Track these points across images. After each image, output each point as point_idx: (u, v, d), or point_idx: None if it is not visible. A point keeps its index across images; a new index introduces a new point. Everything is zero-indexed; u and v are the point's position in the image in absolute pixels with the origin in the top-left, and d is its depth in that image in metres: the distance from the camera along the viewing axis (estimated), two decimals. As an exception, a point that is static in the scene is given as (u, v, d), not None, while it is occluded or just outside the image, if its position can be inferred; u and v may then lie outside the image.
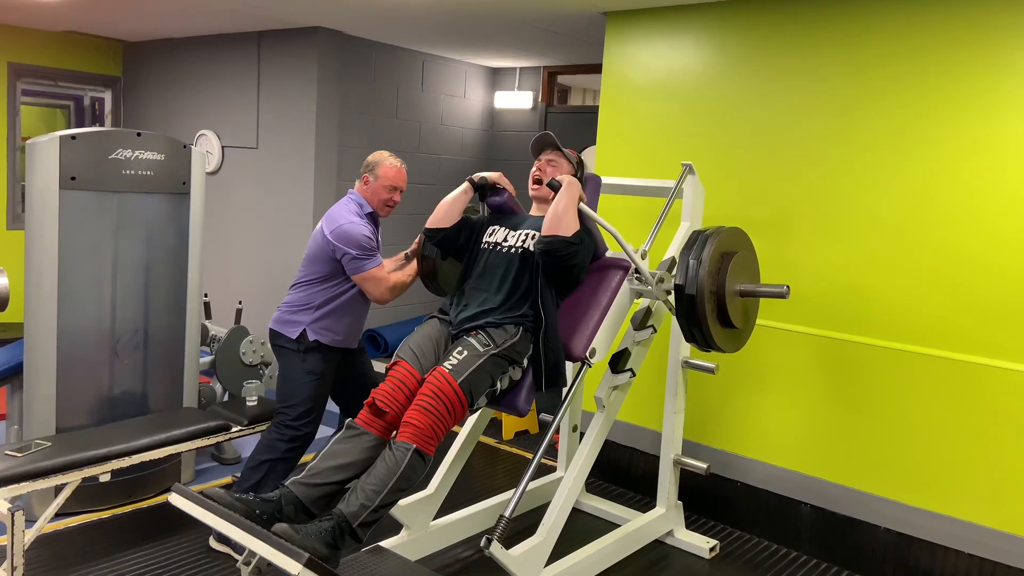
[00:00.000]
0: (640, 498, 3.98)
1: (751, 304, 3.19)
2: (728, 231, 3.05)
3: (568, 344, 2.86)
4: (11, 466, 2.80)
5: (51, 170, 3.26)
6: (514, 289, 2.80)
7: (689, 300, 2.89)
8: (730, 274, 2.97)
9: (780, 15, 3.53)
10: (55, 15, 5.35)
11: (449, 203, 3.01)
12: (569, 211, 2.75)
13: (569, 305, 2.95)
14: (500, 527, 2.55)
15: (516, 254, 2.85)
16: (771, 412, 3.62)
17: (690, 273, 2.89)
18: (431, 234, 3.01)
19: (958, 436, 3.12)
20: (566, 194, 2.78)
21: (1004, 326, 3.02)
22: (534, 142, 3.07)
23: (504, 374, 2.69)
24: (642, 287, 3.01)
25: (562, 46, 5.17)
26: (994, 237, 3.03)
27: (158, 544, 3.24)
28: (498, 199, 3.12)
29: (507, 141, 6.35)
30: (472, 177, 3.07)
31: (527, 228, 2.91)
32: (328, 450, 2.53)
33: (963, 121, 3.09)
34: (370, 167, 3.19)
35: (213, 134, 5.77)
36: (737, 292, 3.04)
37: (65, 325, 3.35)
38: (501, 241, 2.92)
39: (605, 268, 3.05)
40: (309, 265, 3.17)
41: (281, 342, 3.17)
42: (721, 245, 2.98)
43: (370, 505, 2.38)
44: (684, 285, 2.90)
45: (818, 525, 3.49)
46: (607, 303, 2.94)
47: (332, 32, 5.15)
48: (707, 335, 2.95)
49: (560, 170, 2.99)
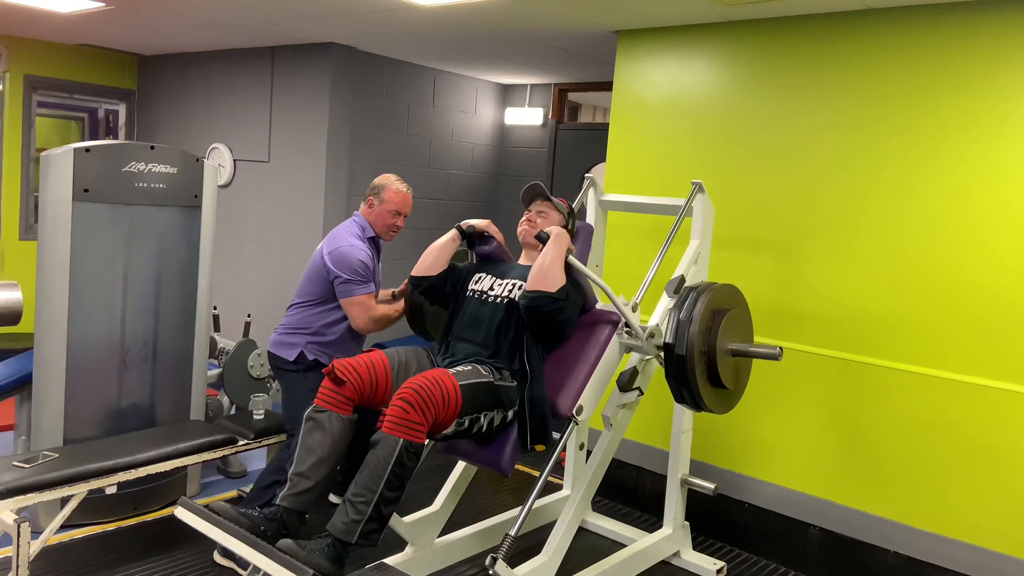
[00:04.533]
0: (647, 518, 3.96)
1: (743, 364, 3.05)
2: (720, 288, 2.94)
3: (554, 401, 2.75)
4: (17, 477, 2.81)
5: (65, 182, 3.28)
6: (500, 342, 2.72)
7: (679, 360, 2.78)
8: (721, 333, 2.85)
9: (790, 35, 3.54)
10: (71, 29, 5.41)
11: (436, 251, 2.93)
12: (555, 265, 2.66)
13: (556, 360, 2.84)
14: (505, 545, 2.53)
15: (501, 304, 2.77)
16: (780, 433, 3.60)
17: (680, 331, 2.77)
18: (417, 282, 2.93)
19: (968, 459, 3.09)
20: (553, 247, 2.69)
21: (1014, 348, 2.99)
22: (524, 192, 3.02)
23: (492, 412, 2.59)
24: (632, 342, 2.89)
25: (573, 64, 5.20)
26: (1003, 259, 3.01)
27: (163, 557, 3.24)
28: (487, 248, 3.04)
29: (517, 157, 6.37)
30: (460, 224, 2.99)
31: (514, 278, 2.83)
32: (299, 455, 2.46)
33: (973, 142, 3.08)
34: (376, 190, 3.19)
35: (225, 147, 5.82)
36: (728, 352, 2.91)
37: (75, 336, 3.36)
38: (487, 290, 2.84)
39: (594, 322, 2.94)
40: (306, 284, 3.17)
41: (280, 364, 3.17)
42: (712, 302, 2.86)
43: (361, 518, 2.27)
44: (673, 344, 2.78)
45: (826, 548, 3.45)
46: (595, 358, 2.83)
47: (345, 48, 5.19)
48: (696, 396, 2.83)
49: (549, 221, 2.93)
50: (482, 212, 6.33)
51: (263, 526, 2.36)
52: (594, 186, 3.57)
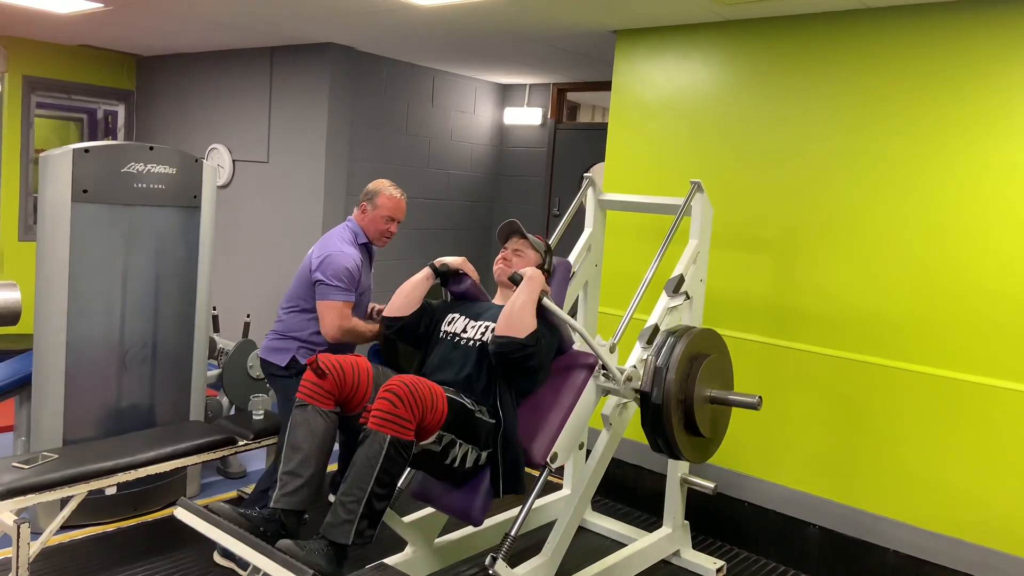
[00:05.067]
0: (646, 517, 3.96)
1: (721, 412, 2.96)
2: (699, 332, 2.86)
3: (528, 449, 2.64)
4: (17, 478, 2.81)
5: (64, 182, 3.28)
6: (473, 386, 2.64)
7: (655, 409, 2.71)
8: (699, 380, 2.77)
9: (789, 35, 3.54)
10: (70, 29, 5.41)
11: (408, 290, 2.86)
12: (526, 309, 2.57)
13: (531, 405, 2.74)
14: (505, 545, 2.53)
15: (473, 348, 2.69)
16: (780, 432, 3.60)
17: (656, 379, 2.69)
18: (389, 323, 2.84)
19: (969, 458, 3.09)
20: (525, 290, 2.61)
21: (1014, 346, 2.99)
22: (500, 229, 2.96)
23: (467, 445, 2.50)
24: (609, 385, 2.79)
25: (572, 63, 5.20)
26: (1003, 258, 3.01)
27: (163, 558, 3.24)
28: (461, 286, 2.97)
29: (516, 157, 6.37)
30: (434, 262, 2.93)
31: (486, 320, 2.75)
32: (285, 453, 2.42)
33: (973, 141, 3.08)
34: (369, 196, 3.17)
35: (224, 148, 5.82)
36: (706, 399, 2.84)
37: (74, 337, 3.36)
38: (460, 332, 2.76)
39: (570, 365, 2.83)
40: (296, 289, 3.15)
41: (272, 370, 3.16)
42: (690, 348, 2.78)
43: (354, 518, 2.23)
44: (650, 393, 2.70)
45: (826, 547, 3.45)
46: (570, 404, 2.73)
47: (343, 48, 5.19)
48: (673, 445, 2.76)
49: (526, 260, 2.87)
50: (481, 212, 6.35)
51: (262, 527, 2.36)
52: (593, 186, 3.57)
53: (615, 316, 3.82)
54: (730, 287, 3.71)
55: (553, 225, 5.97)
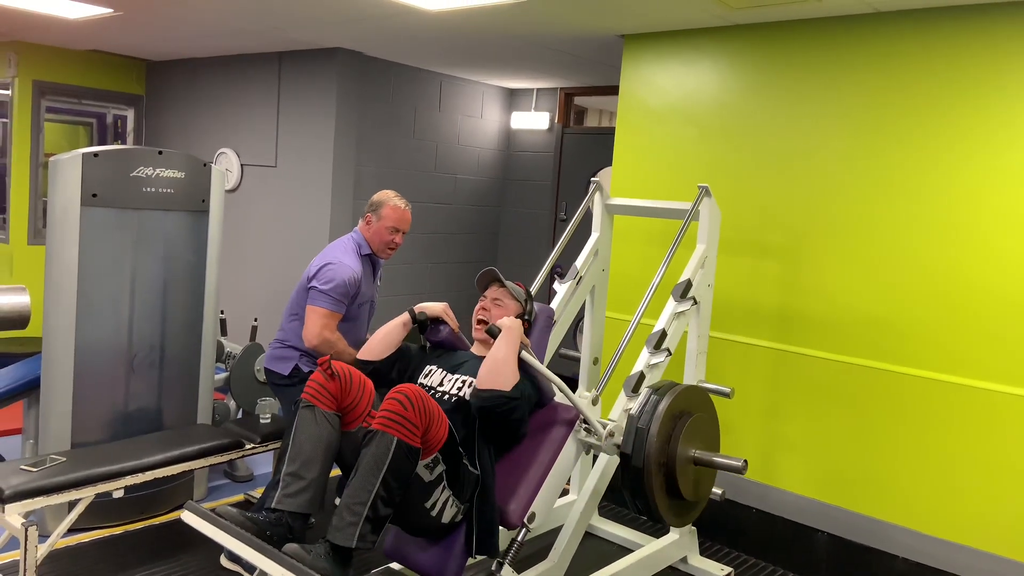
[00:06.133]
0: (653, 523, 3.94)
1: (705, 474, 2.81)
2: (683, 390, 2.73)
3: (505, 509, 2.53)
4: (25, 481, 2.82)
5: (73, 187, 3.30)
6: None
7: (635, 472, 2.58)
8: (683, 440, 2.65)
9: (796, 39, 3.53)
10: (80, 34, 5.44)
11: (383, 335, 2.79)
12: (508, 361, 2.50)
13: (509, 462, 2.63)
14: (512, 551, 2.53)
15: (450, 402, 2.60)
16: (787, 438, 3.59)
17: (637, 440, 2.57)
18: (361, 366, 2.73)
19: (978, 464, 3.07)
20: (504, 342, 2.53)
21: (1022, 353, 2.98)
22: (479, 278, 2.87)
23: (449, 491, 2.41)
24: (590, 440, 2.68)
25: (579, 68, 5.20)
26: (1011, 263, 3.00)
27: (170, 561, 3.24)
28: (439, 335, 2.89)
29: (523, 161, 6.38)
30: (413, 309, 2.86)
31: (464, 373, 2.67)
32: (289, 454, 2.39)
33: (980, 146, 3.07)
34: (374, 207, 3.17)
35: (233, 152, 5.84)
36: (690, 459, 2.70)
37: (83, 341, 3.38)
38: (436, 386, 2.68)
39: (550, 421, 2.71)
40: (297, 297, 3.16)
41: (276, 380, 3.17)
42: (674, 406, 2.65)
43: (358, 520, 2.19)
44: (630, 455, 2.58)
45: (834, 553, 3.43)
46: (549, 461, 2.62)
47: (351, 53, 5.20)
48: (653, 509, 2.63)
49: (505, 310, 2.77)
50: (488, 216, 6.35)
51: (269, 530, 2.36)
52: (600, 190, 3.57)
53: (622, 321, 3.81)
54: (737, 292, 3.70)
55: (560, 229, 5.97)
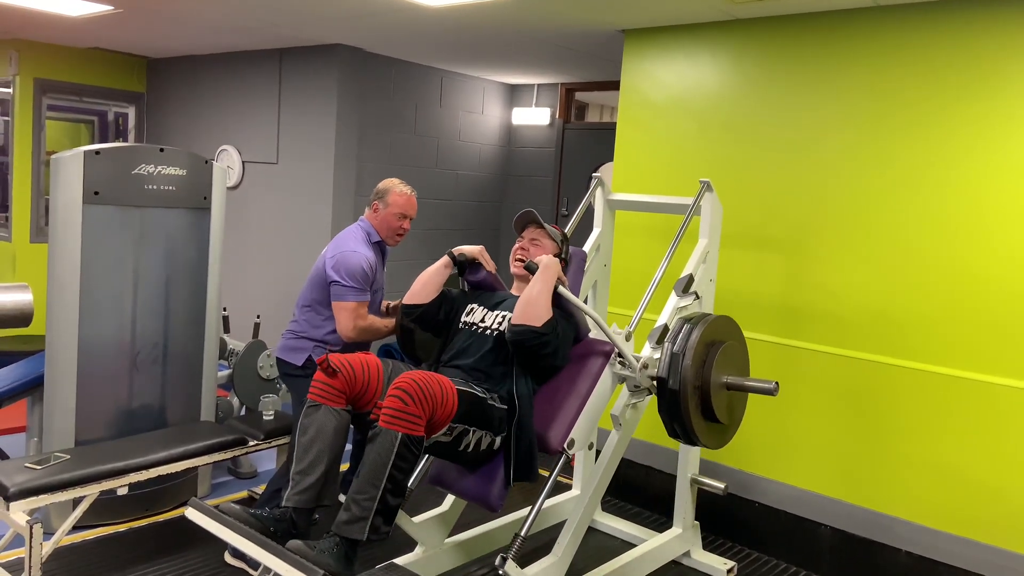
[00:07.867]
0: (656, 517, 3.95)
1: (737, 398, 2.97)
2: (715, 319, 2.88)
3: (545, 435, 2.65)
4: (30, 478, 2.83)
5: (75, 184, 3.30)
6: (489, 372, 2.67)
7: (672, 395, 2.72)
8: (716, 367, 2.78)
9: (797, 33, 3.53)
10: (81, 32, 5.44)
11: (427, 278, 2.89)
12: (542, 297, 2.60)
13: (547, 392, 2.75)
14: (515, 546, 2.54)
15: (491, 336, 2.73)
16: (790, 432, 3.59)
17: (673, 365, 2.72)
18: (408, 310, 2.87)
19: (981, 457, 3.07)
20: (541, 278, 2.63)
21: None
22: (517, 219, 2.98)
23: (481, 431, 2.53)
24: (625, 372, 2.80)
25: (580, 63, 5.19)
26: (1013, 257, 2.99)
27: (174, 558, 3.25)
28: (477, 276, 3.00)
29: (524, 157, 6.37)
30: (452, 251, 2.96)
31: (503, 309, 2.78)
32: (297, 453, 2.43)
33: (982, 139, 3.06)
34: (380, 194, 3.18)
35: (234, 149, 5.84)
36: (723, 385, 2.84)
37: (86, 338, 3.38)
38: (478, 322, 2.80)
39: (587, 353, 2.84)
40: (310, 290, 3.15)
41: (288, 370, 3.17)
42: (707, 335, 2.79)
43: (368, 514, 2.24)
44: (667, 378, 2.72)
45: (838, 547, 3.44)
46: (587, 391, 2.74)
47: (352, 49, 5.20)
48: (689, 431, 2.78)
49: (543, 249, 2.88)
50: (489, 212, 6.35)
51: (273, 527, 2.37)
52: (602, 185, 3.57)
53: (624, 316, 3.81)
54: (740, 287, 3.70)
55: (562, 225, 5.95)
